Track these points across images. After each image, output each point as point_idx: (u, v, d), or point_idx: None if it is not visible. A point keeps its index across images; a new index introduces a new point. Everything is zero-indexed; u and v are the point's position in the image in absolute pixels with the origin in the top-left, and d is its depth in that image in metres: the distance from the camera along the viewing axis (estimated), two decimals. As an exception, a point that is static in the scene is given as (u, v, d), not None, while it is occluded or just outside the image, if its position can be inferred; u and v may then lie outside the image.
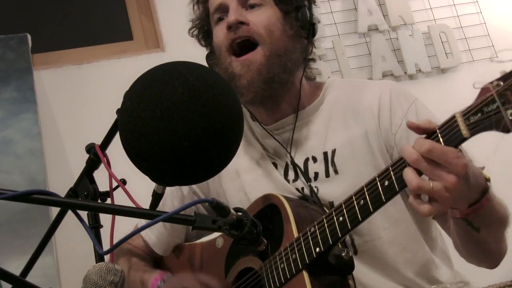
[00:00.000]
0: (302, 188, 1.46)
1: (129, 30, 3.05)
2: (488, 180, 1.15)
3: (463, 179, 1.03)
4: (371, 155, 1.43)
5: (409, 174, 1.04)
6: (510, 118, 0.93)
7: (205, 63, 1.57)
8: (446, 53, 3.34)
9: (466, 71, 3.31)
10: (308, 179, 1.45)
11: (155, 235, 1.65)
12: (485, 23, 3.41)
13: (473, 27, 3.40)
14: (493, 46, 3.35)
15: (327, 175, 1.45)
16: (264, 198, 1.42)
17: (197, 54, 1.60)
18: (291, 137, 1.50)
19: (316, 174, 1.46)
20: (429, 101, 2.65)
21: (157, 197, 1.24)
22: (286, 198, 1.38)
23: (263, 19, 1.45)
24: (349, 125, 1.47)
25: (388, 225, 1.41)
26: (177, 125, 1.01)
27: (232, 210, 1.13)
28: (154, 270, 1.56)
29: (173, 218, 1.12)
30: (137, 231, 1.11)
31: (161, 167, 1.05)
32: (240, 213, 1.16)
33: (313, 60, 1.60)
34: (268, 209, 1.38)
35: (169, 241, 1.65)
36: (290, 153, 1.49)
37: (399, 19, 3.32)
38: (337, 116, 1.49)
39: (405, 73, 3.25)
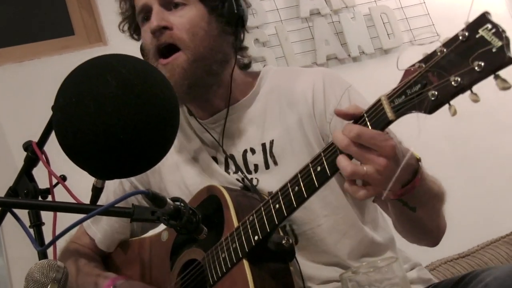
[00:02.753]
0: (243, 179, 1.46)
1: (70, 25, 2.98)
2: (419, 160, 1.15)
3: (393, 161, 1.03)
4: (307, 144, 1.42)
5: (342, 161, 1.04)
6: (432, 99, 0.94)
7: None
8: (388, 34, 3.37)
9: (408, 50, 3.35)
10: (248, 171, 1.44)
11: (100, 232, 1.63)
12: (424, 2, 3.46)
13: (414, 7, 3.44)
14: (433, 25, 3.40)
15: (267, 166, 1.44)
16: (205, 189, 1.41)
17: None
18: (223, 130, 1.49)
19: (256, 166, 1.46)
20: (375, 83, 2.68)
21: (97, 191, 1.24)
22: (227, 188, 1.37)
23: (185, 21, 1.41)
24: (285, 114, 1.45)
25: (327, 212, 1.41)
26: (112, 118, 1.00)
27: (169, 200, 1.14)
28: (108, 275, 1.55)
29: (111, 211, 1.13)
30: (72, 226, 1.09)
31: (98, 161, 1.05)
32: (177, 203, 1.16)
33: (245, 48, 1.58)
34: (209, 200, 1.38)
35: (113, 237, 1.63)
36: (222, 147, 1.48)
37: (340, 2, 3.32)
38: (273, 106, 1.48)
39: (349, 55, 3.28)
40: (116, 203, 1.08)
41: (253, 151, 1.46)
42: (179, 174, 1.53)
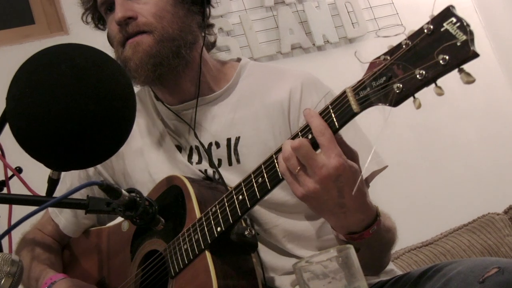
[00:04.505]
0: (206, 170, 1.44)
1: (30, 14, 2.89)
2: (378, 215, 1.14)
3: (324, 190, 1.04)
4: (275, 147, 1.38)
5: (281, 166, 1.08)
6: (397, 91, 0.94)
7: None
8: (352, 23, 3.38)
9: (373, 40, 3.38)
10: (212, 165, 1.43)
11: (65, 217, 1.61)
12: (389, -9, 3.48)
13: (378, -4, 3.45)
14: (397, 14, 3.43)
15: (230, 163, 1.43)
16: (167, 179, 1.40)
17: (103, 35, 1.56)
18: (194, 119, 1.47)
19: (220, 161, 1.44)
20: (339, 72, 2.72)
21: (52, 183, 1.21)
22: (189, 179, 1.35)
23: (151, 7, 1.38)
24: (258, 115, 1.44)
25: (284, 213, 1.42)
26: (65, 109, 0.98)
27: (124, 191, 1.12)
28: (47, 273, 1.52)
29: (65, 203, 1.12)
30: (24, 218, 1.07)
31: (52, 153, 1.03)
32: (133, 194, 1.15)
33: (212, 25, 1.55)
34: (171, 190, 1.36)
35: (79, 222, 1.61)
36: (195, 133, 1.46)
37: (305, -9, 3.31)
38: (247, 104, 1.46)
39: (314, 44, 3.28)
40: (69, 195, 1.07)
41: (218, 144, 1.45)
42: (143, 160, 1.51)
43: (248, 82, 1.50)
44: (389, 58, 0.95)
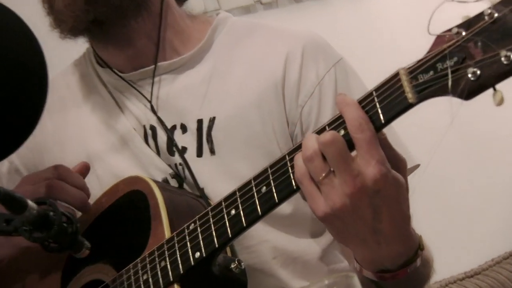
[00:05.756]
0: (176, 165, 1.44)
1: None
2: (420, 248, 1.12)
3: (353, 208, 1.00)
4: (264, 134, 1.42)
5: (299, 170, 1.03)
6: (472, 79, 0.90)
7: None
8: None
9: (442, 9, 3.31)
10: (171, 153, 1.44)
11: None
12: None
13: None
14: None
15: (199, 153, 1.43)
16: (126, 182, 1.38)
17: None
18: (151, 91, 1.46)
19: (184, 150, 1.44)
20: (345, 32, 2.66)
21: None
22: (157, 183, 1.33)
23: None
24: (240, 88, 1.44)
25: (277, 225, 1.41)
26: None
27: (31, 203, 1.07)
28: None
29: None
30: None
31: None
32: (44, 206, 1.11)
33: None
34: (131, 197, 1.34)
35: None
36: (153, 109, 1.44)
37: None
38: (225, 72, 1.46)
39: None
40: None
41: (184, 128, 1.45)
42: (83, 148, 1.51)
43: (228, 43, 1.50)
44: (464, 32, 0.92)
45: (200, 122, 1.43)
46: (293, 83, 1.42)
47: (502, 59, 0.86)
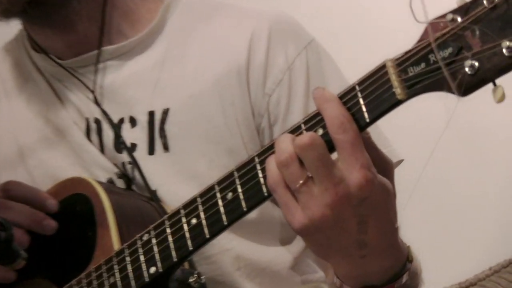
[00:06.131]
0: (123, 165, 1.41)
1: None
2: (409, 260, 1.10)
3: (335, 218, 0.97)
4: (225, 127, 1.39)
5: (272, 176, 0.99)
6: (469, 73, 0.88)
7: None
8: None
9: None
10: (118, 150, 1.41)
11: None
12: None
13: None
14: None
15: (151, 150, 1.40)
16: (66, 184, 1.36)
17: None
18: (94, 80, 1.43)
19: (134, 147, 1.41)
20: (327, 16, 2.63)
21: None
22: (102, 185, 1.31)
23: None
24: (197, 75, 1.41)
25: (242, 231, 1.38)
26: None
27: None
28: None
29: None
30: None
31: None
32: None
33: None
34: (73, 202, 1.31)
35: None
36: (97, 100, 1.41)
37: None
38: (180, 57, 1.44)
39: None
40: None
41: (133, 121, 1.42)
42: (15, 144, 1.48)
43: (183, 24, 1.47)
44: (459, 19, 0.89)
45: (151, 114, 1.41)
46: (259, 68, 1.39)
47: (504, 50, 0.84)
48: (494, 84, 0.86)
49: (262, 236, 1.40)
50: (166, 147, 1.39)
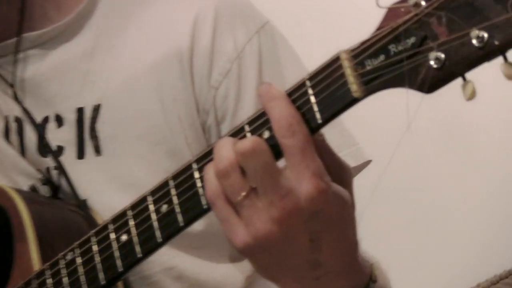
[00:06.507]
0: (48, 170, 1.35)
1: None
2: (373, 280, 1.04)
3: (284, 234, 0.90)
4: (166, 126, 1.33)
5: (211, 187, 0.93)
6: (435, 66, 0.83)
7: None
8: None
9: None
10: (43, 153, 1.36)
11: None
12: None
13: None
14: None
15: (80, 154, 1.36)
16: None
17: None
18: (13, 72, 1.36)
19: (60, 149, 1.37)
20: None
21: None
22: (21, 194, 1.26)
23: None
24: (134, 64, 1.36)
25: (186, 247, 1.33)
26: None
27: None
28: None
29: None
30: None
31: None
32: None
33: None
34: None
35: None
36: (17, 96, 1.35)
37: None
38: (113, 45, 1.38)
39: None
40: None
41: (59, 120, 1.37)
42: None
43: (116, 6, 1.42)
44: (423, 3, 0.84)
45: (80, 111, 1.35)
46: (204, 57, 1.34)
47: (473, 41, 0.79)
48: (464, 79, 0.82)
49: (209, 252, 1.36)
50: (97, 150, 1.34)
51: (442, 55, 0.81)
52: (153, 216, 1.00)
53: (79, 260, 1.09)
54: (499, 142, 3.10)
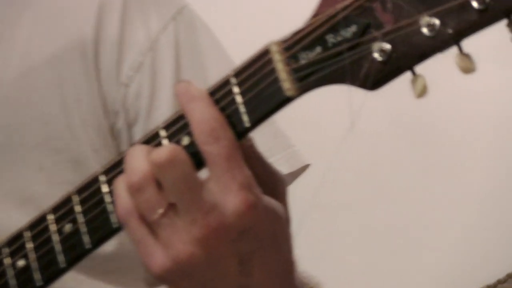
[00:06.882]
0: None
1: None
2: None
3: (206, 252, 0.85)
4: (68, 130, 1.24)
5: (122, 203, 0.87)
6: (379, 59, 0.77)
7: None
8: None
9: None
10: None
11: None
12: None
13: None
14: None
15: None
16: None
17: None
18: None
19: None
20: None
21: None
22: None
23: None
24: (29, 58, 1.26)
25: (93, 271, 1.25)
26: None
27: None
28: None
29: None
30: None
31: None
32: None
33: None
34: None
35: None
36: None
37: None
38: (4, 36, 1.28)
39: None
40: None
41: None
42: None
43: None
44: None
45: None
46: (111, 49, 1.25)
47: (423, 29, 0.74)
48: (414, 74, 0.77)
49: (121, 277, 1.29)
50: None
51: (388, 46, 0.75)
52: (55, 238, 0.94)
53: None
54: (460, 141, 3.12)
